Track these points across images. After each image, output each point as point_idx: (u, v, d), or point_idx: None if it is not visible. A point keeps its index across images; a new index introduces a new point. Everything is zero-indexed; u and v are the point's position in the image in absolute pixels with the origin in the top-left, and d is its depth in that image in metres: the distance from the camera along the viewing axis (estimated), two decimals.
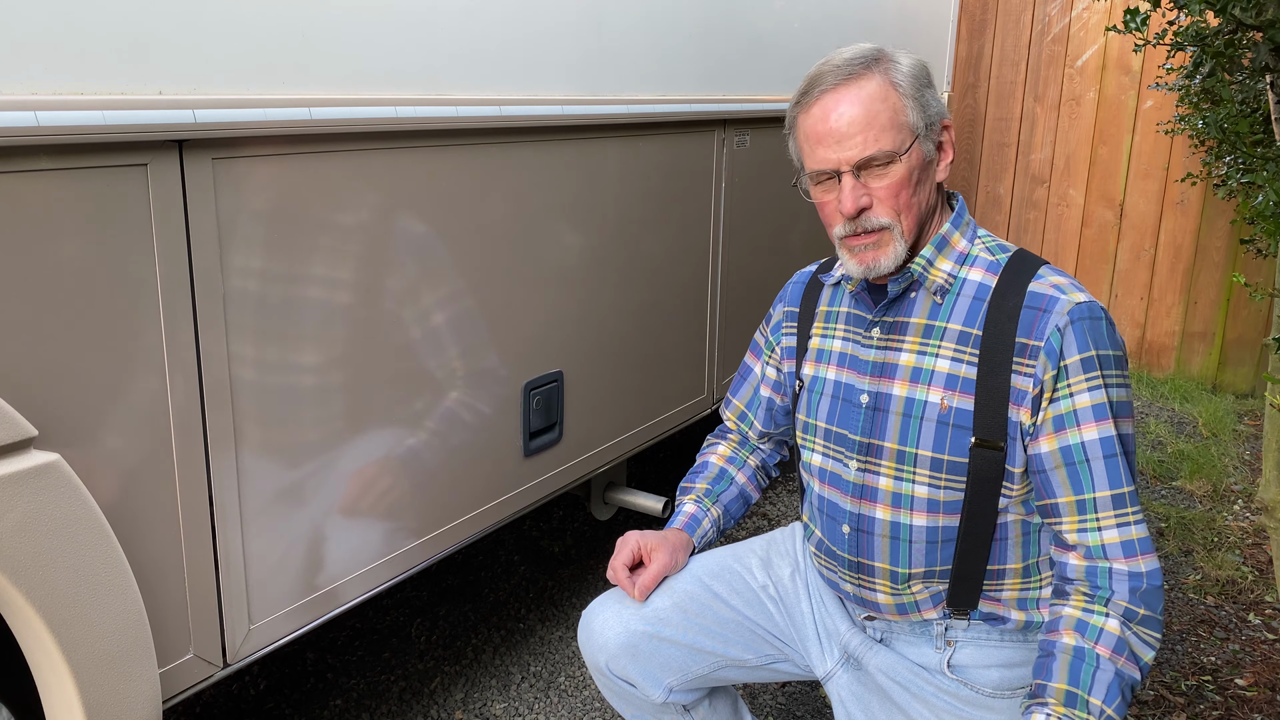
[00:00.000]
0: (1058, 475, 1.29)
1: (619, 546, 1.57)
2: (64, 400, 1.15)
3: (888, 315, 1.42)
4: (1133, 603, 1.25)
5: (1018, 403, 1.31)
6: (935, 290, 1.38)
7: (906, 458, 1.38)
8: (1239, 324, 4.41)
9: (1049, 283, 1.33)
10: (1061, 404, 1.28)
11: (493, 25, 1.66)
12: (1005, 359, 1.31)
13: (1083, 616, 1.26)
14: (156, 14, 1.17)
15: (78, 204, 1.13)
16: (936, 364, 1.36)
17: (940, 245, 1.38)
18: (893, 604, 1.45)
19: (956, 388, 1.35)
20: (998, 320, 1.33)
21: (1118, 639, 1.23)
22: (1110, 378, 1.28)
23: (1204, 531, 3.11)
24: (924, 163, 1.34)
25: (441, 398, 1.71)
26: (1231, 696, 2.26)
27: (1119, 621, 1.24)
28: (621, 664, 1.53)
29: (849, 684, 1.53)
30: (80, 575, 1.13)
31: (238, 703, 2.21)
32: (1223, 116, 2.89)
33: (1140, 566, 1.26)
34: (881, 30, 3.21)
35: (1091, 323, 1.29)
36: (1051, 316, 1.29)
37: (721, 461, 1.71)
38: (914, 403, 1.37)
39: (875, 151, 1.30)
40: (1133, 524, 1.27)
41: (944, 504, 1.37)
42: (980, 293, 1.36)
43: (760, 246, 2.70)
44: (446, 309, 1.68)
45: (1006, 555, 1.39)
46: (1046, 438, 1.30)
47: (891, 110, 1.31)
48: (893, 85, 1.31)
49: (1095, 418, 1.27)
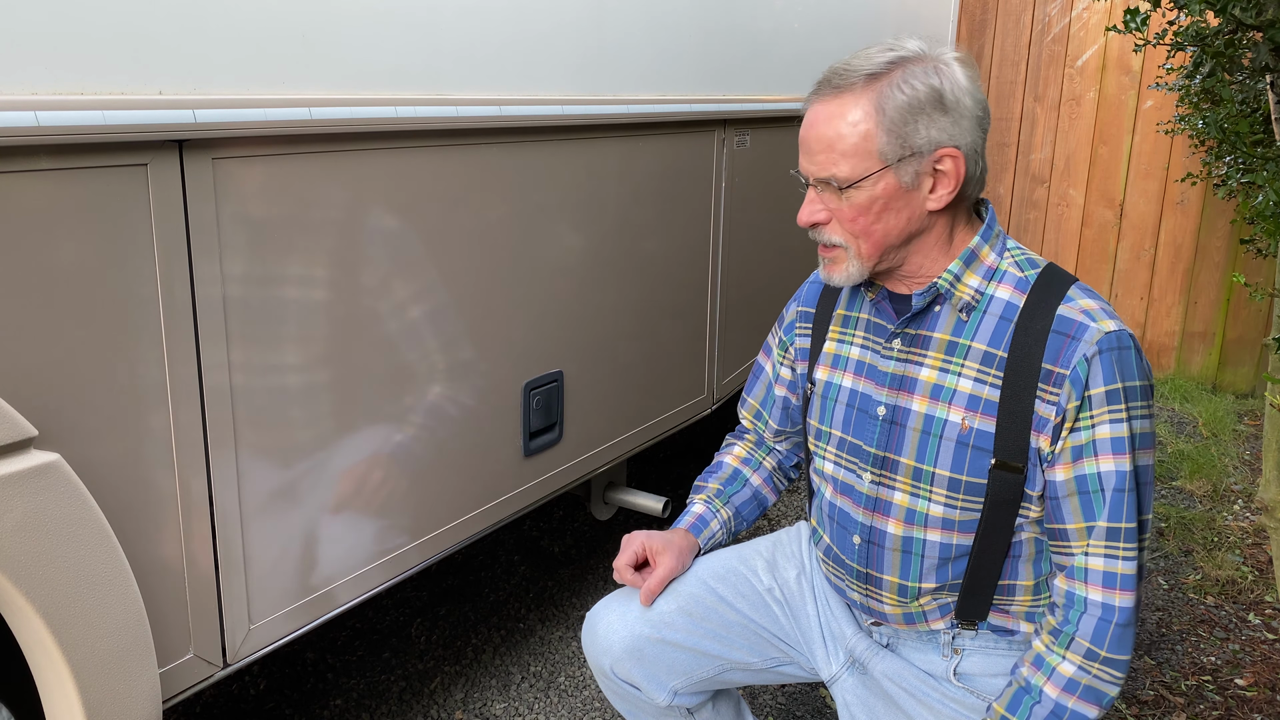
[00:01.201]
0: (1069, 503, 1.28)
1: (624, 545, 1.57)
2: (64, 400, 1.15)
3: (910, 327, 1.39)
4: (1095, 643, 1.26)
5: (1039, 429, 1.29)
6: (961, 307, 1.34)
7: (923, 475, 1.36)
8: (1239, 324, 4.41)
9: (1079, 307, 1.29)
10: (1082, 434, 1.26)
11: (493, 25, 1.66)
12: (1030, 384, 1.29)
13: (1043, 653, 1.31)
14: (157, 14, 1.17)
15: (78, 204, 1.13)
16: (959, 383, 1.34)
17: (968, 260, 1.34)
18: (899, 614, 1.44)
19: (979, 409, 1.32)
20: (1024, 343, 1.30)
21: (1068, 680, 1.27)
22: (1135, 409, 1.26)
23: (1204, 531, 3.11)
24: (897, 192, 1.29)
25: (441, 398, 1.71)
26: (1231, 696, 2.26)
27: (1076, 665, 1.27)
28: (626, 667, 1.53)
29: (854, 688, 1.52)
30: (80, 575, 1.13)
31: (238, 703, 2.21)
32: (1223, 116, 2.88)
33: (1115, 601, 1.26)
34: (881, 30, 3.21)
35: (1120, 353, 1.26)
36: (1080, 345, 1.26)
37: (736, 462, 1.69)
38: (934, 420, 1.35)
39: (829, 175, 1.30)
40: (1121, 558, 1.26)
41: (959, 523, 1.36)
42: (1008, 312, 1.32)
43: (760, 246, 2.70)
44: (446, 309, 1.68)
45: (1019, 571, 1.38)
46: (1063, 466, 1.28)
47: (859, 136, 1.27)
48: (875, 110, 1.26)
49: (1114, 450, 1.25)
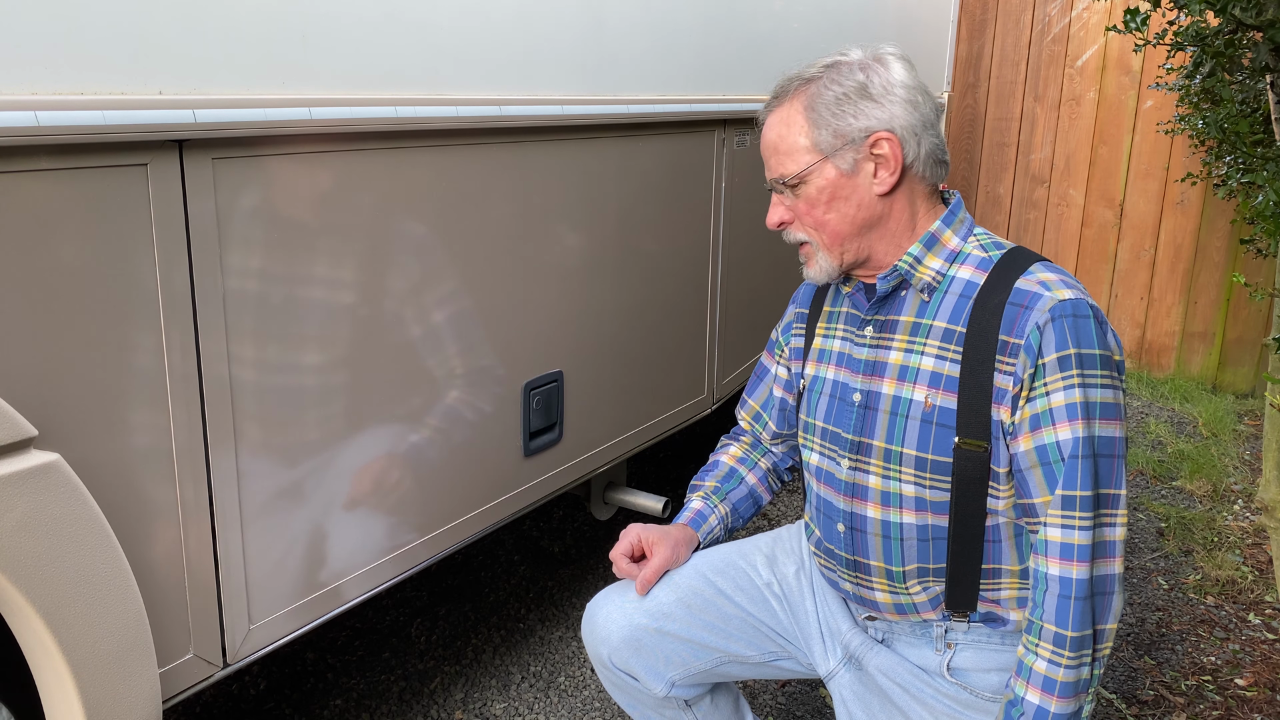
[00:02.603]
0: (1033, 475, 1.29)
1: (621, 537, 1.59)
2: (64, 400, 1.15)
3: (879, 313, 1.43)
4: (1060, 624, 1.25)
5: (999, 401, 1.30)
6: (923, 288, 1.38)
7: (893, 456, 1.38)
8: (1239, 324, 4.41)
9: (1036, 279, 1.31)
10: (1038, 403, 1.27)
11: (493, 25, 1.66)
12: (988, 357, 1.31)
13: (1021, 655, 1.30)
14: (157, 14, 1.17)
15: (78, 204, 1.13)
16: (922, 362, 1.36)
17: (929, 243, 1.38)
18: (891, 603, 1.45)
19: (940, 386, 1.34)
20: (981, 317, 1.32)
21: (1044, 678, 1.26)
22: (1090, 377, 1.26)
23: (1204, 531, 3.11)
24: (841, 180, 1.37)
25: (441, 397, 1.71)
26: (1231, 696, 2.26)
27: (1048, 658, 1.26)
28: (624, 657, 1.54)
29: (851, 684, 1.53)
30: (80, 575, 1.13)
31: (238, 703, 2.21)
32: (1223, 116, 2.89)
33: (1072, 573, 1.25)
34: (881, 31, 3.21)
35: (1075, 320, 1.27)
36: (1033, 314, 1.28)
37: (732, 461, 1.71)
38: (900, 401, 1.38)
39: (779, 174, 1.41)
40: (1078, 528, 1.25)
41: (931, 503, 1.37)
42: (967, 290, 1.36)
43: (760, 246, 2.70)
44: (446, 309, 1.68)
45: (1002, 555, 1.38)
46: (1024, 437, 1.29)
47: (795, 134, 1.38)
48: (805, 109, 1.37)
49: (1068, 417, 1.25)
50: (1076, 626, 1.25)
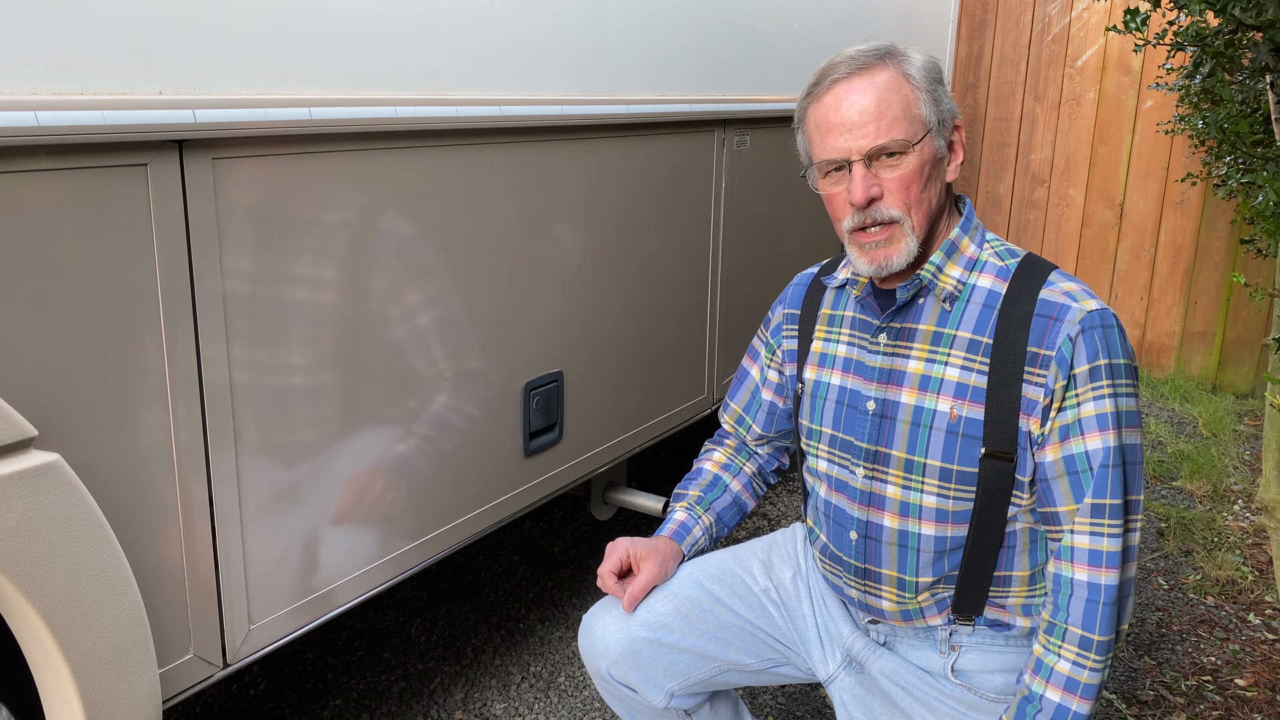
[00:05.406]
0: (1059, 484, 1.29)
1: (608, 553, 1.56)
2: (64, 400, 1.15)
3: (895, 321, 1.40)
4: (1086, 628, 1.26)
5: (1028, 413, 1.30)
6: (945, 297, 1.36)
7: (915, 467, 1.37)
8: (1239, 324, 4.41)
9: (1060, 290, 1.31)
10: (1069, 413, 1.27)
11: (493, 25, 1.66)
12: (1016, 368, 1.30)
13: (1041, 655, 1.30)
14: (157, 14, 1.17)
15: (78, 204, 1.13)
16: (946, 372, 1.35)
17: (949, 251, 1.37)
18: (898, 611, 1.44)
19: (966, 396, 1.33)
20: (1009, 329, 1.31)
21: (1067, 678, 1.27)
22: (1119, 387, 1.27)
23: (1204, 531, 3.11)
24: (935, 159, 1.33)
25: (441, 398, 1.71)
26: (1231, 696, 2.26)
27: (1071, 660, 1.27)
28: (622, 669, 1.53)
29: (851, 687, 1.52)
30: (80, 575, 1.13)
31: (238, 703, 2.21)
32: (1223, 116, 2.88)
33: (1100, 579, 1.26)
34: (881, 30, 3.21)
35: (1104, 331, 1.27)
36: (1063, 325, 1.27)
37: (716, 468, 1.69)
38: (923, 411, 1.36)
39: (888, 140, 1.29)
40: (1107, 535, 1.26)
41: (953, 514, 1.36)
42: (990, 300, 1.34)
43: (760, 246, 2.70)
44: (446, 309, 1.68)
45: (1014, 562, 1.38)
46: (1052, 447, 1.29)
47: (904, 101, 1.30)
48: (905, 77, 1.30)
49: (1099, 427, 1.26)
50: (1104, 630, 1.26)
